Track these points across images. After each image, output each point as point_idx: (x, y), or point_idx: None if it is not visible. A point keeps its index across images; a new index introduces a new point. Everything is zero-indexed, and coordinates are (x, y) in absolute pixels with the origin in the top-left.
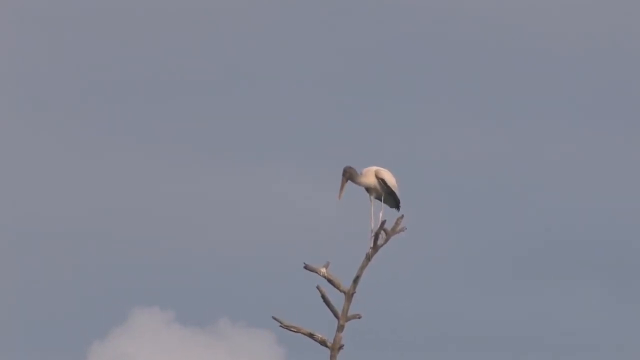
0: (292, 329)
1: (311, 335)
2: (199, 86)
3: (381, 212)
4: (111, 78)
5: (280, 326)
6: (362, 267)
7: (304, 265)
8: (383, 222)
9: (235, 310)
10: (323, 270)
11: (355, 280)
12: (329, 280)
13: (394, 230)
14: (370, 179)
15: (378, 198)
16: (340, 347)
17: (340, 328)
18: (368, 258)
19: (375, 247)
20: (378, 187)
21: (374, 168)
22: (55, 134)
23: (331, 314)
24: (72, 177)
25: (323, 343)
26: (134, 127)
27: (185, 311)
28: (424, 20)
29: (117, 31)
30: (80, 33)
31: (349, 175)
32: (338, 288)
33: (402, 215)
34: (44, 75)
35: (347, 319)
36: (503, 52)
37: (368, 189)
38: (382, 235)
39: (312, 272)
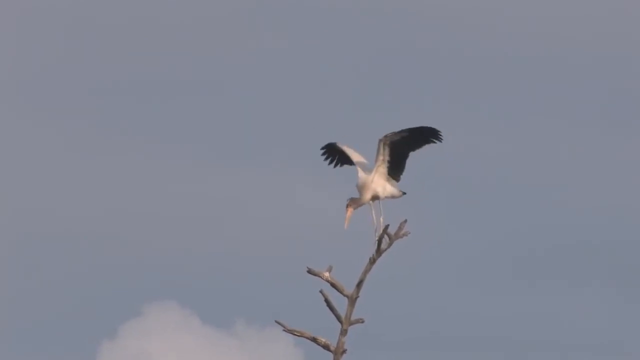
0: (295, 333)
1: (314, 340)
2: (204, 86)
3: (381, 217)
4: (116, 77)
5: (283, 330)
6: (366, 272)
7: (307, 269)
8: (387, 227)
9: (251, 311)
10: (326, 274)
11: (359, 285)
12: (332, 285)
13: (397, 235)
14: (367, 195)
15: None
16: (344, 351)
17: (344, 332)
18: (372, 262)
19: (379, 251)
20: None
21: (362, 177)
22: (65, 136)
23: (334, 318)
24: (84, 178)
25: (326, 347)
26: (149, 129)
27: (199, 310)
28: (425, 21)
29: (121, 31)
30: (82, 33)
31: (354, 204)
32: (341, 292)
33: (406, 220)
34: (46, 75)
35: (351, 324)
36: (504, 52)
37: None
38: (386, 239)
39: (315, 277)
